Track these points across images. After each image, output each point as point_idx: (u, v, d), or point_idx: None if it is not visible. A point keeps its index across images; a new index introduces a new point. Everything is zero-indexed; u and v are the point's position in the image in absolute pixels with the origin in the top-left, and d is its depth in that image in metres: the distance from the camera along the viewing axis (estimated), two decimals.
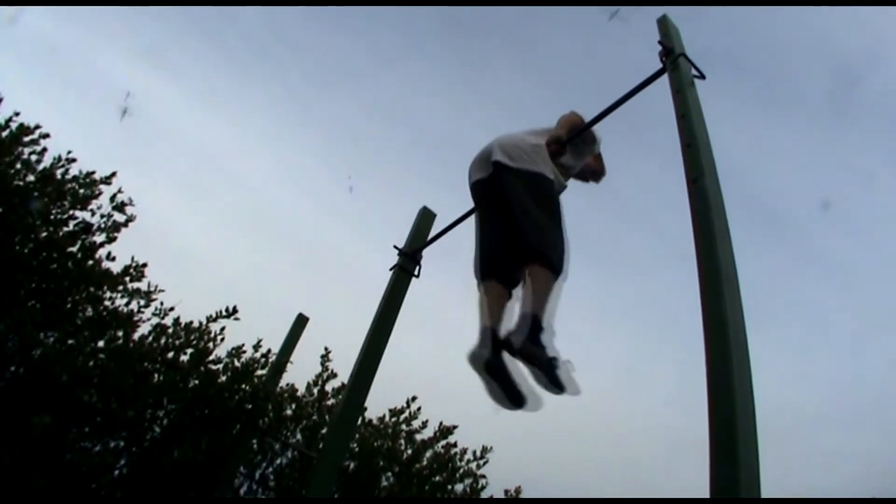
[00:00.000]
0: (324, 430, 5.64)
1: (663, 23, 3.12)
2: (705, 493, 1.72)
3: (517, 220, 3.02)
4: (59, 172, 4.70)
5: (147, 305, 4.91)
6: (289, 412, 5.71)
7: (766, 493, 1.65)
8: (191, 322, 5.06)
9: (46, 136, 4.78)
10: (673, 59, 2.92)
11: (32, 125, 4.73)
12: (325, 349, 6.07)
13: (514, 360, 2.81)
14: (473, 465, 6.13)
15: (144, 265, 4.89)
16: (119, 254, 4.81)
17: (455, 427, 6.11)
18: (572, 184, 3.79)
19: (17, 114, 4.70)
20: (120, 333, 4.66)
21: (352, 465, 5.66)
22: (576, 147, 3.70)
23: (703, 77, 2.89)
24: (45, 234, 4.51)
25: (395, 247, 4.63)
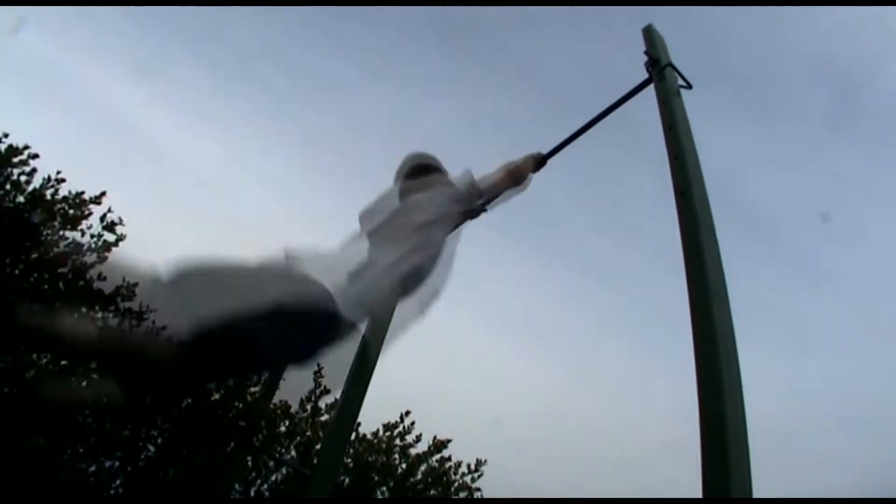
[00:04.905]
0: (318, 446, 5.63)
1: (649, 33, 3.09)
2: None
3: None
4: (48, 193, 4.69)
5: (139, 325, 4.88)
6: (283, 429, 5.70)
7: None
8: None
9: (35, 156, 4.76)
10: (659, 70, 2.90)
11: (21, 146, 4.72)
12: (318, 365, 6.04)
13: None
14: (468, 479, 6.14)
15: (135, 285, 4.87)
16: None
17: (449, 441, 6.12)
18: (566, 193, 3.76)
19: (6, 135, 4.69)
20: None
21: (347, 481, 5.65)
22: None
23: (689, 87, 2.87)
24: (35, 255, 4.50)
25: None
